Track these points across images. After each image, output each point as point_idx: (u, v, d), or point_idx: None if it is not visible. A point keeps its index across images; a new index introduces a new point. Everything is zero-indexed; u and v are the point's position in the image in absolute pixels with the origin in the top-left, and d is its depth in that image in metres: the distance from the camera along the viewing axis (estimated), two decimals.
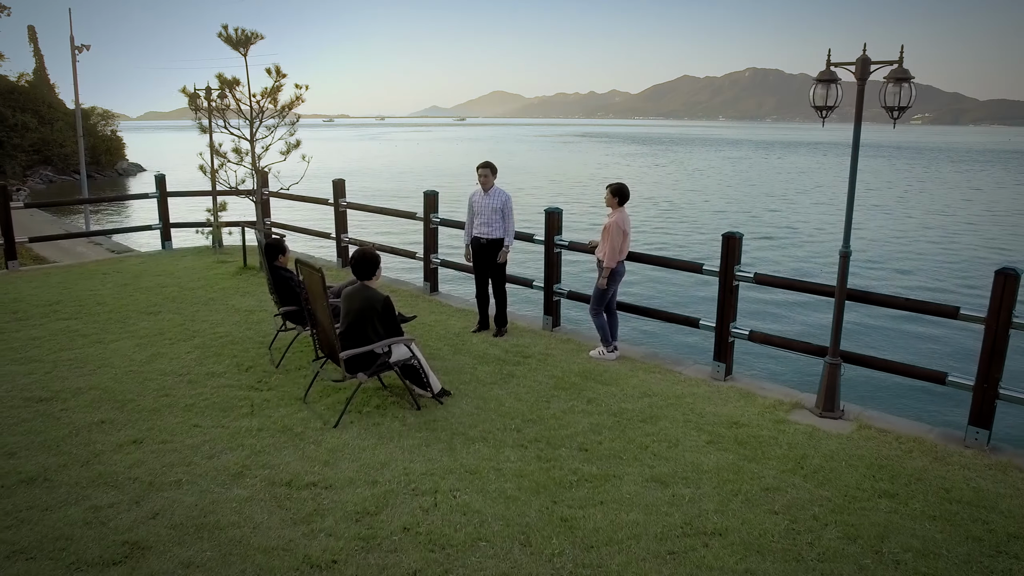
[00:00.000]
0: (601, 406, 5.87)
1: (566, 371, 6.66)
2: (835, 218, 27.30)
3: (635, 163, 60.37)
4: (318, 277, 5.11)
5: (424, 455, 4.89)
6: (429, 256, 9.48)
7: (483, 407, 5.76)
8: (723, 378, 6.60)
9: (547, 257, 7.92)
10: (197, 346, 7.09)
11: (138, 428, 5.22)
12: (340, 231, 10.99)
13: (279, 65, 9.56)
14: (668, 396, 6.14)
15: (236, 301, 8.85)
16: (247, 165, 9.93)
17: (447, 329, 7.90)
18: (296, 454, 4.87)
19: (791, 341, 6.28)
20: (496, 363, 6.82)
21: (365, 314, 5.31)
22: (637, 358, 7.18)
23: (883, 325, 12.76)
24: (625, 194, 6.89)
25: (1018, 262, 6.46)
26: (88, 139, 47.68)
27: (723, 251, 6.38)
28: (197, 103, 9.95)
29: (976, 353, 5.25)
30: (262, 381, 6.18)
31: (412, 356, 5.56)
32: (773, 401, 6.08)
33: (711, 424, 5.58)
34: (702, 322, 6.80)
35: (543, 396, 6.04)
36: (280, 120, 9.93)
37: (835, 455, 5.08)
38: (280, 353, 6.84)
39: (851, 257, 5.72)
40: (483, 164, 7.48)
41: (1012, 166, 65.08)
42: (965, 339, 11.52)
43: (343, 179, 10.90)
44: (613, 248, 6.76)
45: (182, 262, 11.20)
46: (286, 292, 6.45)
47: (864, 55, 5.22)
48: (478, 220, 7.55)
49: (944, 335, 12.19)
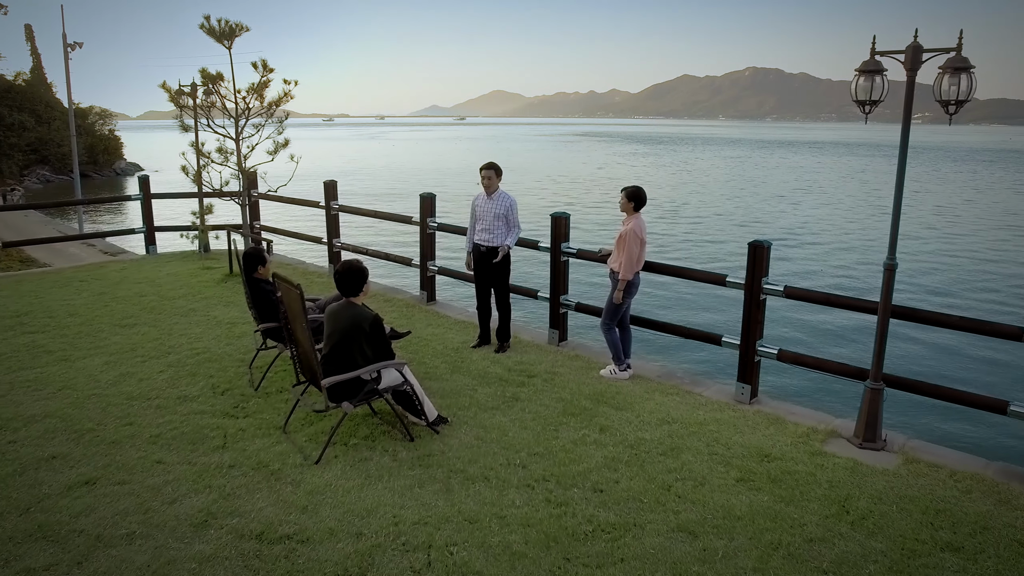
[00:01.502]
0: (616, 435, 5.26)
1: (575, 393, 6.05)
2: (854, 224, 25.54)
3: (638, 163, 59.72)
4: (296, 294, 4.49)
5: (417, 498, 4.28)
6: (426, 263, 8.87)
7: (484, 437, 5.15)
8: (748, 401, 6.00)
9: (553, 266, 7.31)
10: (171, 364, 6.48)
11: (93, 465, 4.60)
12: (332, 235, 10.38)
13: (266, 59, 8.96)
14: (689, 423, 5.53)
15: (219, 312, 8.24)
16: (232, 166, 9.34)
17: (445, 344, 7.29)
18: (270, 497, 4.26)
19: (825, 362, 5.66)
20: (498, 384, 6.21)
21: (351, 335, 4.70)
22: (652, 377, 6.57)
23: (930, 343, 11.20)
24: (642, 198, 6.28)
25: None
26: (86, 138, 47.20)
27: (749, 262, 5.78)
28: (178, 100, 9.33)
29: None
30: (239, 406, 5.57)
31: (404, 381, 4.95)
32: (806, 429, 5.47)
33: (740, 457, 4.97)
34: (725, 339, 6.19)
35: (550, 423, 5.43)
36: (267, 118, 9.33)
37: (884, 496, 4.48)
38: (261, 372, 6.24)
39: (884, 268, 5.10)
40: (487, 165, 6.87)
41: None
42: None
43: (335, 181, 10.29)
44: (630, 258, 6.15)
45: (165, 268, 10.59)
46: (266, 307, 5.84)
47: (915, 42, 4.61)
48: (479, 226, 6.95)
49: (1004, 358, 10.64)
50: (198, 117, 9.79)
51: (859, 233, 23.07)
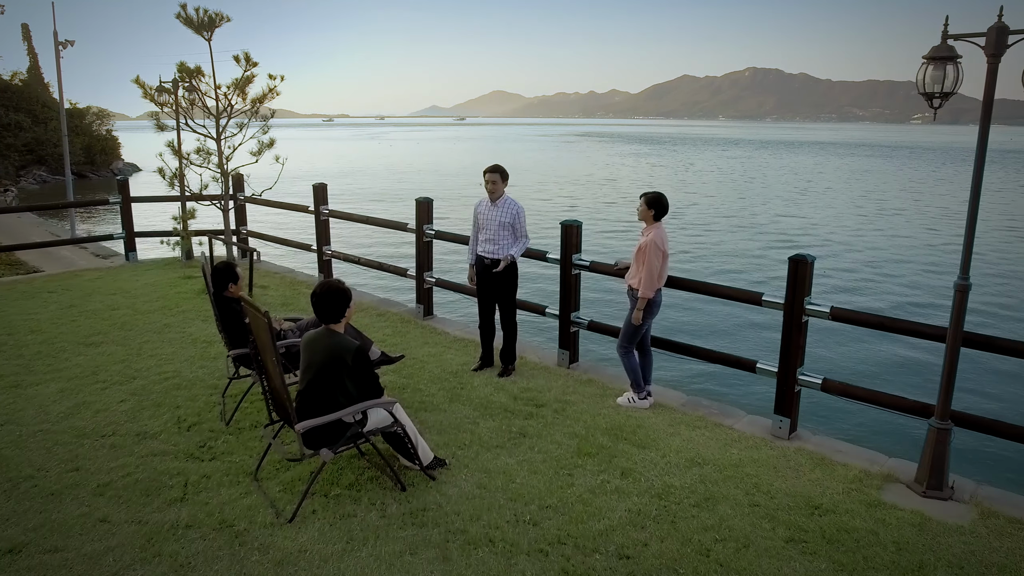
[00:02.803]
0: (640, 481, 4.54)
1: (590, 427, 5.33)
2: (884, 235, 23.40)
3: (640, 163, 58.93)
4: (263, 323, 3.77)
5: (408, 570, 3.56)
6: (422, 274, 8.15)
7: (487, 485, 4.43)
8: (787, 436, 5.28)
9: (563, 280, 6.59)
10: (135, 392, 5.76)
11: (22, 526, 3.88)
12: (322, 242, 9.65)
13: (248, 52, 8.24)
14: (723, 464, 4.81)
15: (195, 328, 7.51)
16: (213, 168, 8.63)
17: (443, 366, 6.57)
18: (232, 570, 3.54)
19: (879, 394, 4.93)
20: (503, 415, 5.49)
21: (330, 369, 3.97)
22: (675, 407, 5.85)
23: (997, 371, 9.54)
24: (664, 206, 5.56)
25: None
26: (83, 139, 46.69)
27: (790, 278, 5.05)
28: (155, 97, 8.61)
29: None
30: (206, 445, 4.84)
31: (394, 422, 4.23)
32: (857, 471, 4.75)
33: (786, 510, 4.25)
34: (760, 365, 5.46)
35: (564, 466, 4.71)
36: (251, 117, 8.61)
37: (964, 562, 3.76)
38: (235, 401, 5.52)
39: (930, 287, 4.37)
40: (491, 168, 6.14)
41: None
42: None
43: (324, 183, 9.56)
44: (651, 273, 5.43)
45: (143, 277, 9.87)
46: (238, 330, 5.11)
47: (1000, 22, 3.89)
48: (483, 235, 6.23)
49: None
50: (178, 116, 9.08)
51: (887, 242, 21.01)
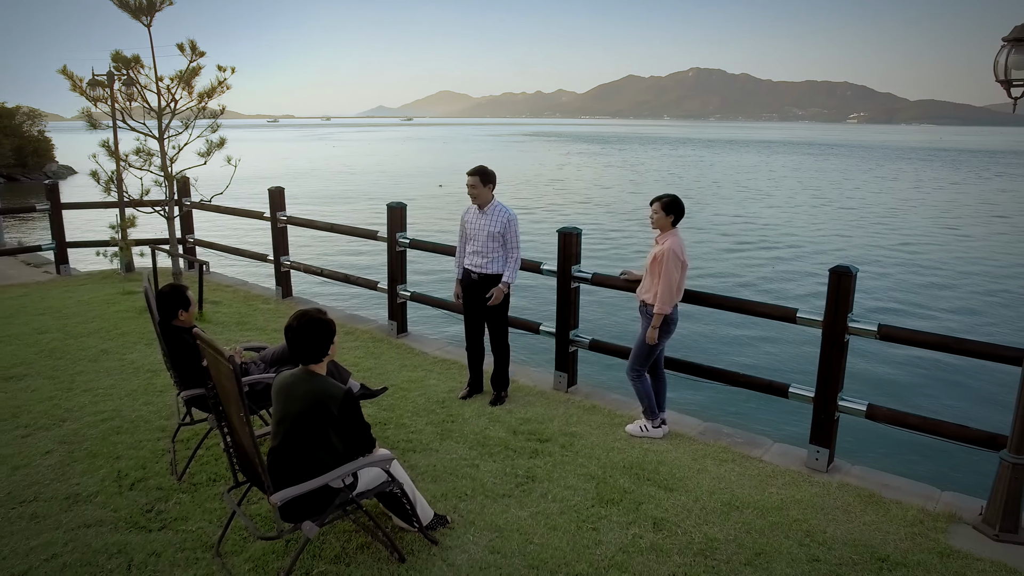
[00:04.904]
0: (676, 535, 3.87)
1: (606, 465, 4.65)
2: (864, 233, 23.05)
3: (594, 162, 58.65)
4: (227, 369, 2.96)
5: None
6: (395, 287, 7.36)
7: (500, 548, 3.70)
8: (825, 468, 4.70)
9: (561, 294, 5.90)
10: (64, 439, 4.84)
11: None
12: (279, 252, 8.76)
13: (194, 41, 7.32)
14: (764, 507, 4.19)
15: (137, 354, 6.58)
16: (156, 170, 7.68)
17: (427, 395, 5.81)
18: None
19: (940, 423, 4.37)
20: (504, 454, 4.77)
21: (311, 421, 3.19)
22: (694, 436, 5.23)
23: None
24: (682, 209, 4.94)
25: None
26: (12, 140, 44.34)
27: (831, 293, 4.47)
28: (84, 89, 7.61)
29: None
30: (153, 509, 3.99)
31: (391, 481, 3.47)
32: (915, 511, 4.19)
33: (850, 564, 3.65)
34: (793, 390, 4.87)
35: (586, 518, 4.01)
36: (198, 113, 7.69)
37: None
38: (187, 447, 4.67)
39: None
40: (473, 171, 5.41)
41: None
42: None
43: (282, 187, 8.67)
44: (668, 286, 4.79)
45: (76, 294, 8.82)
46: (191, 366, 4.26)
47: None
48: (470, 247, 5.50)
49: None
50: (113, 112, 8.09)
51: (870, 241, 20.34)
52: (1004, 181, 44.56)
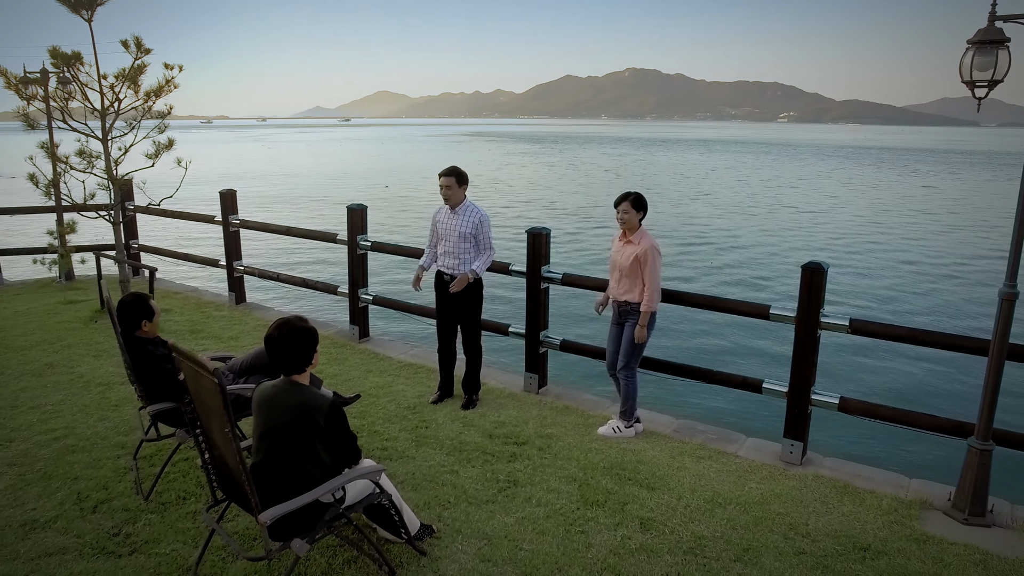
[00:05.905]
0: (665, 533, 3.88)
1: (586, 467, 4.63)
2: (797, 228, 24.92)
3: (536, 161, 58.84)
4: (213, 385, 2.81)
5: None
6: (356, 291, 7.20)
7: (490, 555, 3.64)
8: (799, 461, 4.79)
9: (530, 294, 5.86)
10: (13, 461, 4.55)
11: None
12: (232, 257, 8.47)
13: (140, 37, 7.00)
14: (746, 502, 4.24)
15: (87, 367, 6.26)
16: (99, 173, 7.31)
17: (396, 400, 5.69)
18: None
19: (907, 413, 4.50)
20: (483, 459, 4.70)
21: (297, 434, 3.06)
22: (668, 433, 5.26)
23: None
24: (647, 205, 4.98)
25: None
26: None
27: (803, 289, 4.55)
28: (18, 87, 7.19)
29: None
30: (121, 533, 3.77)
31: (379, 493, 3.36)
32: (889, 500, 4.30)
33: (834, 555, 3.72)
34: (767, 385, 4.94)
35: (573, 521, 3.98)
36: (144, 113, 7.36)
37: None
38: (151, 464, 4.44)
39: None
40: (446, 171, 5.33)
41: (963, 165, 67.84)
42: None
43: (234, 190, 8.39)
44: (655, 282, 4.84)
45: (13, 304, 8.34)
46: (155, 379, 4.05)
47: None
48: (442, 247, 5.41)
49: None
50: (49, 111, 7.68)
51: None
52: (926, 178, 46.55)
